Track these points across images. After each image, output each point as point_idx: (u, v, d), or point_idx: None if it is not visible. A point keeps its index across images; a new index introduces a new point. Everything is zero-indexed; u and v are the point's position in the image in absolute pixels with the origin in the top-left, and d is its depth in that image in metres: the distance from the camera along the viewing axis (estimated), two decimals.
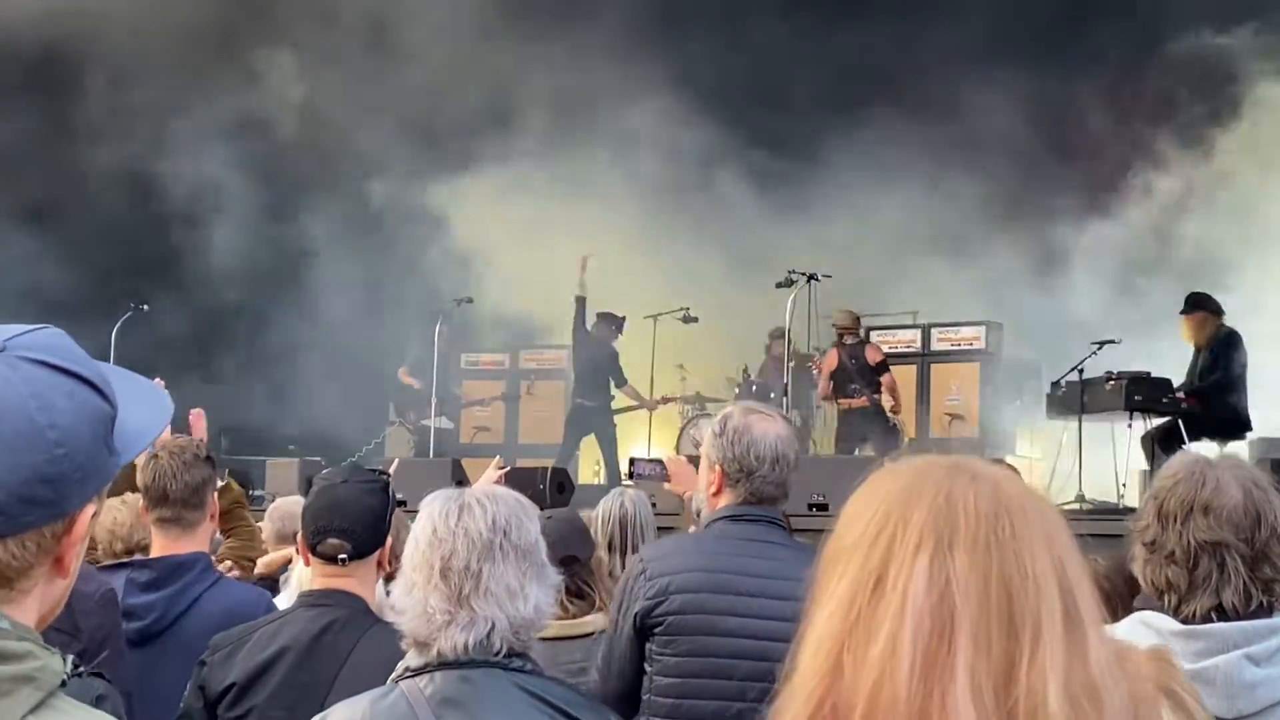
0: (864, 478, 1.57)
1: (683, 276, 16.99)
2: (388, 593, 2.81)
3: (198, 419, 5.38)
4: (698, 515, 5.58)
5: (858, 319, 13.72)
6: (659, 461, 5.54)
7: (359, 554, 3.58)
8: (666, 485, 5.54)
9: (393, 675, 2.61)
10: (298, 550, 3.86)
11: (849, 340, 13.41)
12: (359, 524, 3.59)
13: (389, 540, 3.66)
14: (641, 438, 15.38)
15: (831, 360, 13.50)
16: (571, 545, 4.64)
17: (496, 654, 2.51)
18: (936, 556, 1.46)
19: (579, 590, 4.64)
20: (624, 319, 14.86)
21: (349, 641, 3.48)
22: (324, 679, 2.93)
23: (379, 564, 3.67)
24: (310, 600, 3.61)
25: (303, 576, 3.95)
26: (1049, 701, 1.41)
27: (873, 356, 13.37)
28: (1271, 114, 15.15)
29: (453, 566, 2.50)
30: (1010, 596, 1.45)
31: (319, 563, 3.60)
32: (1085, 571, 1.52)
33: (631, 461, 5.62)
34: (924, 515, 1.49)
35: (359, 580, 3.61)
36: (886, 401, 13.10)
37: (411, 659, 2.59)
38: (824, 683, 1.47)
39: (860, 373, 13.20)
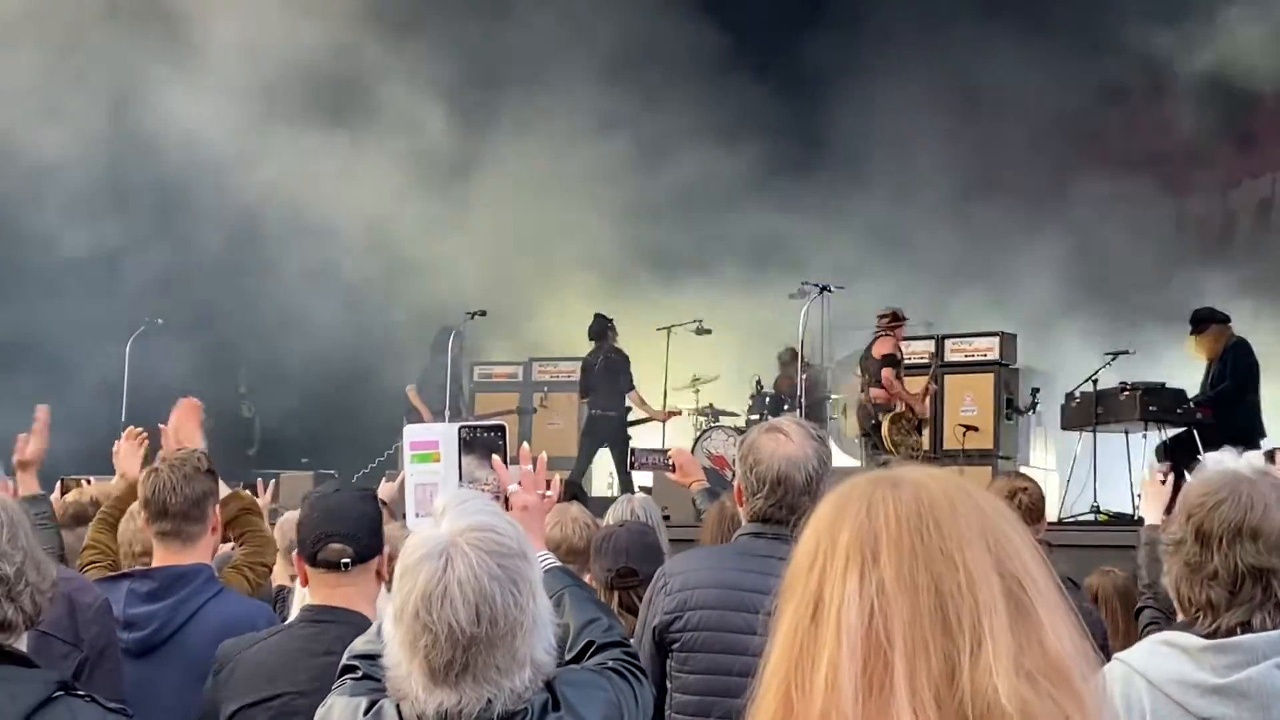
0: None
1: (695, 288, 17.02)
2: None
3: (190, 412, 4.86)
4: (699, 510, 5.55)
5: (893, 314, 12.75)
6: (662, 452, 5.49)
7: (361, 558, 3.58)
8: (670, 475, 5.48)
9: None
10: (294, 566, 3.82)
11: (876, 332, 12.76)
12: (358, 528, 3.59)
13: (387, 549, 3.65)
14: (655, 445, 15.33)
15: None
16: (634, 558, 4.59)
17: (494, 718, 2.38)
18: (864, 573, 1.45)
19: (631, 605, 4.54)
20: (611, 319, 14.66)
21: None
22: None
23: (378, 574, 3.65)
24: (312, 616, 3.59)
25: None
26: (999, 694, 1.39)
27: (877, 349, 12.63)
28: None
29: (435, 659, 2.33)
30: (942, 596, 1.43)
31: (319, 573, 3.59)
32: (1035, 555, 1.50)
33: (632, 452, 5.56)
34: (849, 535, 1.48)
35: (360, 590, 3.59)
36: (880, 395, 12.45)
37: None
38: None
39: (863, 362, 12.79)
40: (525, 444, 3.09)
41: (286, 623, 3.76)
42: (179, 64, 15.67)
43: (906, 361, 13.00)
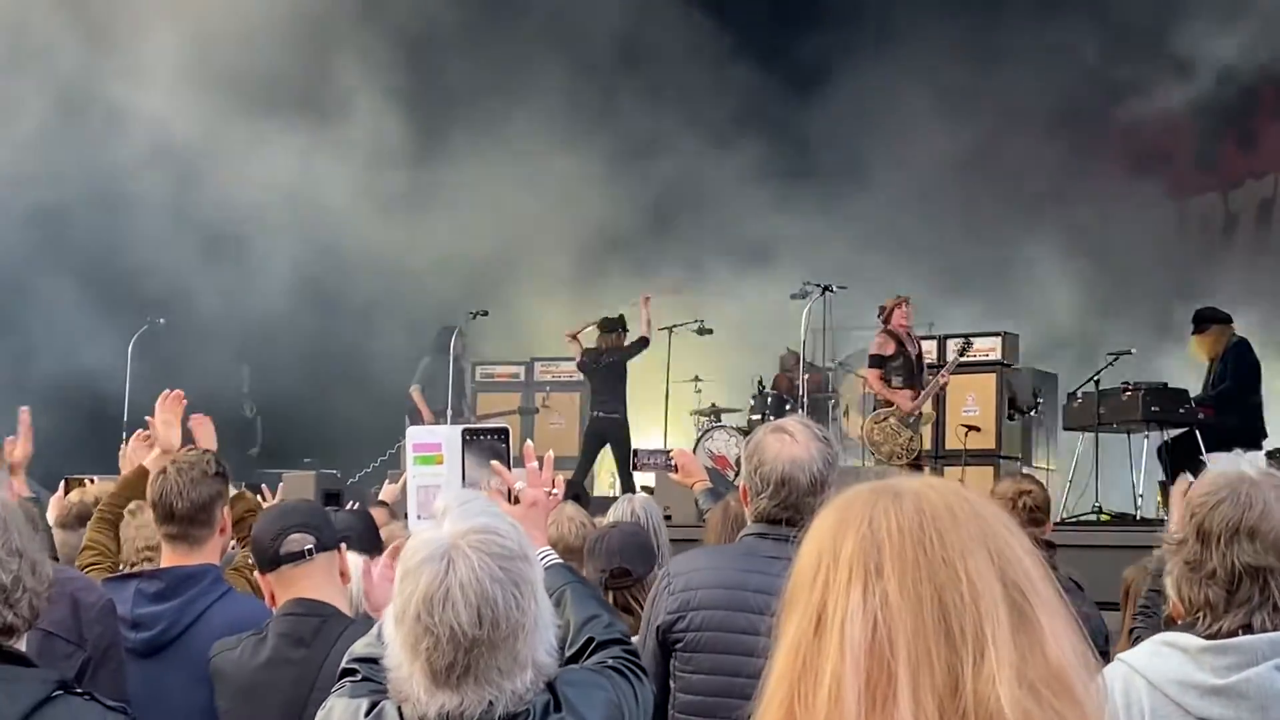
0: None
1: (697, 288, 17.02)
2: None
3: (199, 425, 5.10)
4: (701, 509, 5.54)
5: (881, 307, 12.58)
6: (664, 452, 5.49)
7: (323, 546, 3.68)
8: (673, 476, 5.46)
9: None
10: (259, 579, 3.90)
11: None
12: (314, 519, 3.75)
13: (343, 546, 3.78)
14: (657, 445, 15.30)
15: None
16: (626, 558, 4.58)
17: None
18: (867, 586, 1.46)
19: (626, 605, 4.55)
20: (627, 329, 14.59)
21: (321, 654, 3.51)
22: (301, 694, 3.03)
23: (342, 574, 3.74)
24: (285, 610, 3.66)
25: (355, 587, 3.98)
26: (1002, 704, 1.40)
27: (870, 348, 12.57)
28: None
29: (437, 661, 2.33)
30: (946, 607, 1.43)
31: (284, 571, 3.68)
32: (1036, 562, 1.50)
33: (634, 453, 5.57)
34: (852, 547, 1.48)
35: (327, 581, 3.68)
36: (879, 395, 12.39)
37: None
38: None
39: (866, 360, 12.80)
40: (529, 441, 3.09)
41: (265, 623, 3.79)
42: (145, 57, 15.47)
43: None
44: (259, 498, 5.93)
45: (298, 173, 15.98)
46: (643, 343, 14.24)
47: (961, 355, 12.78)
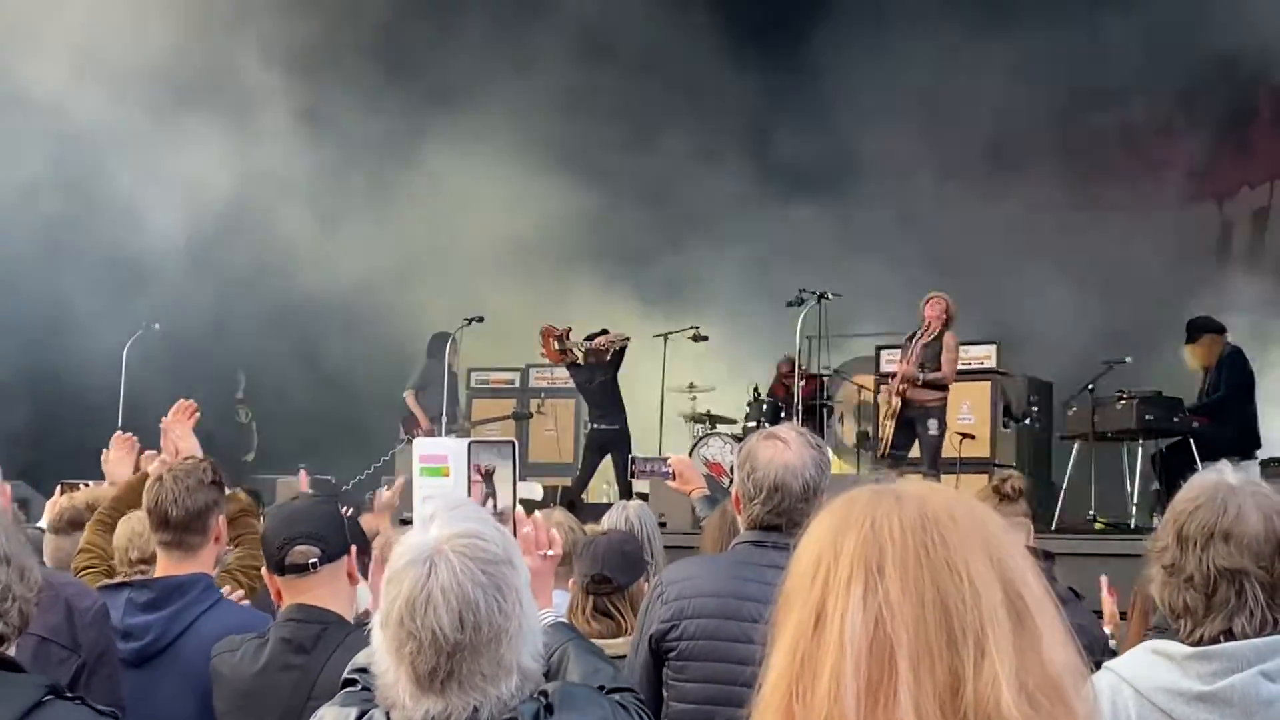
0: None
1: (692, 295, 17.00)
2: None
3: (183, 414, 4.99)
4: (699, 517, 5.54)
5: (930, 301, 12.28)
6: (662, 460, 5.50)
7: (329, 557, 3.64)
8: (670, 484, 5.46)
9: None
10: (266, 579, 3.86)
11: None
12: (322, 528, 3.68)
13: (353, 549, 3.73)
14: (653, 453, 15.28)
15: None
16: (610, 566, 4.57)
17: None
18: (869, 585, 1.46)
19: (605, 610, 4.55)
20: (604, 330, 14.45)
21: (320, 661, 3.50)
22: (298, 701, 3.01)
23: (349, 575, 3.72)
24: (286, 616, 3.65)
25: (364, 595, 3.96)
26: (1000, 707, 1.41)
27: None
28: None
29: (420, 666, 2.32)
30: (948, 608, 1.44)
31: (289, 579, 3.66)
32: (1031, 567, 1.51)
33: (632, 460, 5.56)
34: (853, 546, 1.49)
35: (332, 591, 3.66)
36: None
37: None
38: None
39: None
40: (520, 508, 3.05)
41: (266, 628, 3.78)
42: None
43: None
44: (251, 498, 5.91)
45: (270, 171, 15.94)
46: (620, 355, 14.01)
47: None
